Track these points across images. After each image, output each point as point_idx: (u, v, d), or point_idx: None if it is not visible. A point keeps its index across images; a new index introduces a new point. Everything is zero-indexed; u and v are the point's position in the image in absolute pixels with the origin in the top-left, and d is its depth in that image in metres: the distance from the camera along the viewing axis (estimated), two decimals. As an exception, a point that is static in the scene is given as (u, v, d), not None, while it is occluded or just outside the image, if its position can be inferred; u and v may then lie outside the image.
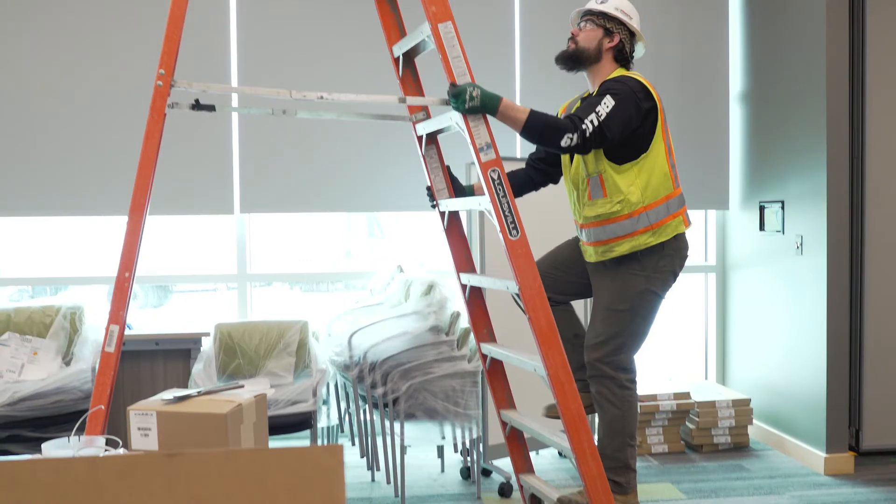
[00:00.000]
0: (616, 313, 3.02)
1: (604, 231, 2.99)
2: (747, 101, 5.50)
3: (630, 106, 2.86)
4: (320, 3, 5.16)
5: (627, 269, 3.00)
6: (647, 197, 2.93)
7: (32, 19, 5.03)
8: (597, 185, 2.97)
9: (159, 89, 2.69)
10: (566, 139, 2.77)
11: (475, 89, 2.70)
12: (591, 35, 3.07)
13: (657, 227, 2.95)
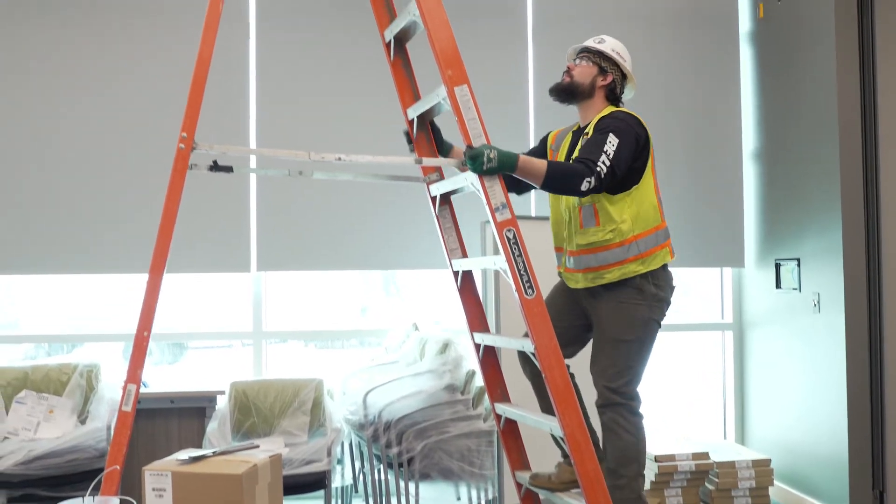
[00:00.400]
0: (625, 343, 3.06)
1: (595, 258, 3.06)
2: (761, 159, 5.53)
3: (631, 141, 3.00)
4: (337, 68, 5.27)
5: (630, 300, 3.05)
6: (637, 227, 3.03)
7: (54, 79, 5.16)
8: (590, 214, 3.05)
9: (181, 152, 2.75)
10: (585, 184, 2.86)
11: (492, 150, 2.76)
12: (586, 71, 3.19)
13: (646, 257, 3.04)
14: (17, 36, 5.16)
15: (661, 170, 5.48)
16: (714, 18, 5.63)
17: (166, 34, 5.22)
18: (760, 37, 5.54)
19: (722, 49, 5.62)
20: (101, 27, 5.21)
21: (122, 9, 5.23)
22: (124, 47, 5.21)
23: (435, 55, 2.74)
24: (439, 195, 3.23)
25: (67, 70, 5.18)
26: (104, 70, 5.19)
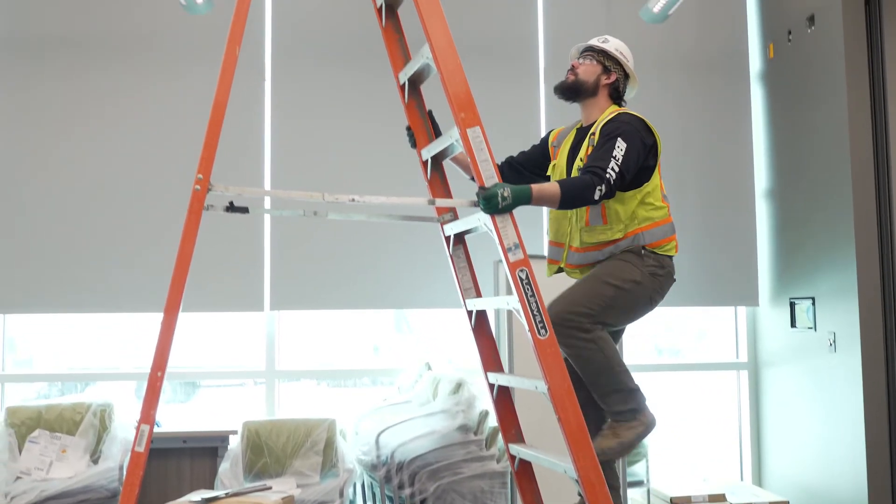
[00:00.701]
0: (602, 284, 3.00)
1: (601, 253, 3.08)
2: (773, 198, 5.53)
3: (638, 144, 3.01)
4: (351, 110, 5.34)
5: (625, 259, 3.04)
6: (643, 222, 3.07)
7: (71, 122, 5.25)
8: (597, 213, 3.07)
9: (197, 193, 2.77)
10: (597, 192, 2.88)
11: (505, 189, 2.76)
12: (590, 69, 3.21)
13: (651, 247, 3.07)
14: (30, 79, 5.26)
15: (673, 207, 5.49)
16: (724, 59, 5.68)
17: (182, 77, 5.30)
18: (771, 77, 5.57)
19: (733, 89, 5.66)
20: (116, 70, 5.30)
21: (138, 52, 5.32)
22: (139, 89, 5.30)
23: (448, 98, 2.77)
24: (453, 235, 3.24)
25: (85, 112, 5.27)
26: (121, 112, 5.27)
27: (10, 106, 5.25)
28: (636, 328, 4.82)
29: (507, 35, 5.51)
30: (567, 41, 5.48)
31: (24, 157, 5.22)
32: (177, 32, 5.34)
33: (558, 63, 5.50)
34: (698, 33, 5.67)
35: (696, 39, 5.67)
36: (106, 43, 5.32)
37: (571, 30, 5.54)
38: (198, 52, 5.31)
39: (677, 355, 6.12)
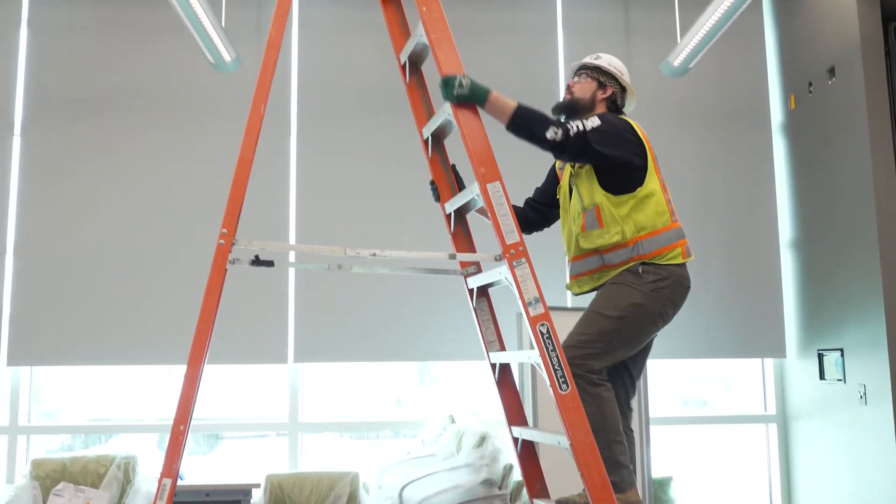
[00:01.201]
0: (603, 318, 2.94)
1: (600, 259, 3.02)
2: (798, 248, 5.49)
3: (617, 130, 2.95)
4: (376, 165, 5.42)
5: (625, 282, 2.96)
6: (641, 228, 2.98)
7: (99, 176, 5.36)
8: (593, 218, 3.02)
9: (221, 248, 2.81)
10: (552, 131, 2.80)
11: (465, 79, 2.74)
12: (585, 86, 3.20)
13: (652, 256, 2.96)
14: (62, 135, 5.40)
15: (699, 260, 5.47)
16: (746, 111, 5.70)
17: (209, 132, 5.42)
18: (793, 128, 5.58)
19: (755, 141, 5.68)
20: (145, 126, 5.43)
21: (167, 108, 5.45)
22: (167, 144, 5.42)
23: (468, 153, 2.80)
24: (476, 288, 3.25)
25: (113, 167, 5.39)
26: (148, 166, 5.39)
27: (41, 161, 5.39)
28: (661, 381, 4.77)
29: (528, 87, 5.56)
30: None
31: (51, 210, 5.33)
32: (206, 89, 5.47)
33: (580, 116, 5.55)
34: (719, 85, 5.71)
35: (716, 91, 5.71)
36: (136, 99, 5.46)
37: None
38: (226, 108, 5.43)
39: (704, 407, 6.04)
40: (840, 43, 5.04)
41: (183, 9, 4.46)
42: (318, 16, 5.64)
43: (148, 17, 5.53)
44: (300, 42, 5.61)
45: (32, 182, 5.37)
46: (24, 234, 5.32)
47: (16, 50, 5.52)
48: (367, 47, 5.50)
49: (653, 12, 5.70)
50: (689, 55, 5.02)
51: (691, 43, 4.91)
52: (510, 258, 2.77)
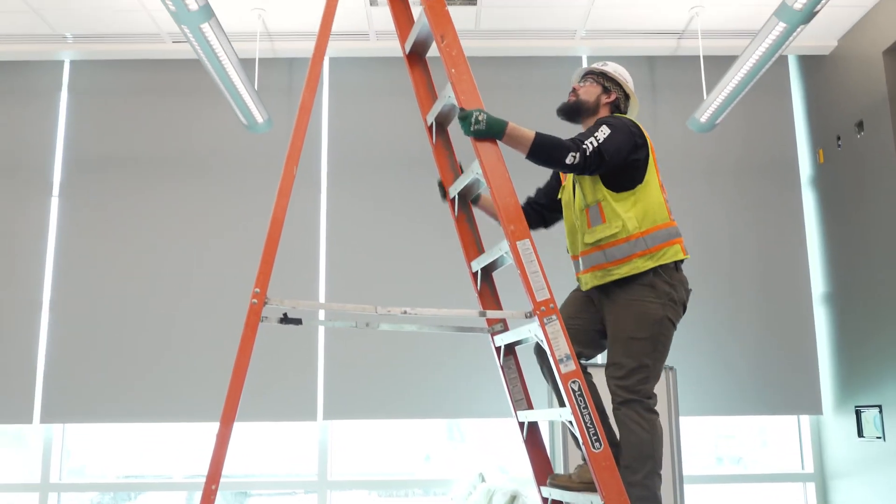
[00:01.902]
0: (638, 342, 2.97)
1: (603, 255, 3.03)
2: (831, 302, 5.43)
3: (625, 134, 2.98)
4: (403, 223, 5.48)
5: (642, 298, 2.98)
6: (644, 223, 3.01)
7: (132, 235, 5.46)
8: (596, 214, 3.06)
9: (253, 307, 2.84)
10: (570, 157, 2.87)
11: (481, 114, 2.82)
12: (590, 90, 3.24)
13: (654, 252, 2.99)
14: (96, 195, 5.53)
15: (730, 315, 5.42)
16: (774, 165, 5.70)
17: (241, 191, 5.52)
18: (822, 181, 5.56)
19: (784, 195, 5.66)
20: (178, 186, 5.55)
21: (201, 168, 5.57)
22: (200, 203, 5.52)
23: (497, 211, 2.83)
24: (504, 345, 3.24)
25: (146, 226, 5.49)
26: (181, 225, 5.49)
27: (78, 221, 5.51)
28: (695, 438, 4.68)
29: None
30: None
31: (86, 269, 5.43)
32: (238, 150, 5.59)
33: (607, 172, 5.58)
34: (746, 140, 5.72)
35: (744, 146, 5.72)
36: (171, 160, 5.59)
37: (619, 139, 5.64)
38: (258, 167, 5.54)
39: (739, 465, 5.91)
40: (867, 97, 5.04)
41: (217, 73, 4.59)
42: (347, 78, 5.77)
43: (183, 80, 5.70)
44: (330, 103, 5.73)
45: (69, 241, 5.49)
46: (59, 292, 5.42)
47: (56, 113, 5.70)
48: (395, 108, 5.60)
49: (678, 69, 5.76)
50: (716, 111, 5.05)
51: (718, 99, 4.95)
52: (541, 315, 2.77)
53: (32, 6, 5.06)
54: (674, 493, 4.51)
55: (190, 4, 3.98)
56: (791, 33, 4.27)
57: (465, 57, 2.97)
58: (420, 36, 3.27)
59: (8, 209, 5.54)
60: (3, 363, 5.32)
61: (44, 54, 5.64)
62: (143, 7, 5.08)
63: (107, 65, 5.75)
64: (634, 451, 2.94)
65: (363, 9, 5.18)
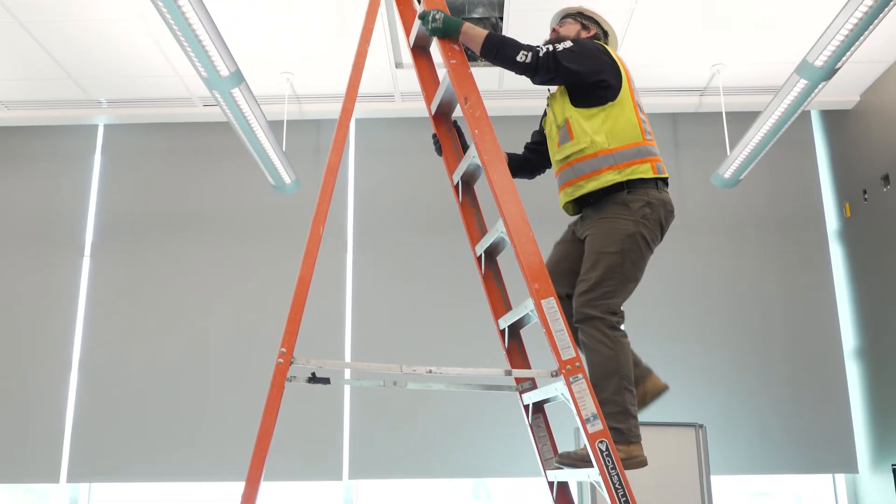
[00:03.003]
0: (607, 255, 2.96)
1: (572, 170, 3.04)
2: (864, 357, 5.34)
3: (588, 51, 2.99)
4: (429, 281, 5.50)
5: (614, 215, 2.97)
6: (612, 140, 2.99)
7: (160, 294, 5.53)
8: (565, 132, 3.07)
9: (280, 366, 2.85)
10: (521, 55, 2.90)
11: (438, 13, 2.96)
12: (570, 28, 3.28)
13: (623, 167, 2.96)
14: (126, 255, 5.62)
15: (760, 371, 5.35)
16: (800, 219, 5.68)
17: (268, 251, 5.58)
18: (849, 235, 5.53)
19: (811, 249, 5.62)
20: (206, 245, 5.63)
21: (229, 228, 5.66)
22: (227, 263, 5.59)
23: (522, 270, 2.83)
24: (532, 404, 3.22)
25: (174, 285, 5.56)
26: (207, 285, 5.55)
27: (108, 281, 5.60)
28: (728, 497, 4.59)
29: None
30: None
31: (115, 330, 5.49)
32: (266, 210, 5.68)
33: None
34: (771, 195, 5.72)
35: (769, 201, 5.71)
36: (200, 221, 5.69)
37: (643, 195, 5.66)
38: (285, 227, 5.61)
39: (774, 526, 5.77)
40: (892, 150, 5.03)
41: (247, 135, 4.69)
42: (373, 138, 5.87)
43: (213, 142, 5.82)
44: (356, 163, 5.81)
45: (99, 302, 5.56)
46: (88, 352, 5.48)
47: (90, 175, 5.84)
48: (421, 167, 5.68)
49: (701, 125, 5.80)
50: (740, 167, 5.06)
51: (741, 155, 4.96)
52: (567, 374, 2.76)
53: (70, 73, 5.23)
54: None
55: (221, 70, 4.10)
56: (813, 90, 4.30)
57: (489, 117, 3.02)
58: (445, 98, 3.33)
59: (40, 269, 5.64)
60: (32, 422, 5.36)
61: (79, 119, 5.80)
62: (175, 73, 5.23)
63: (139, 128, 5.90)
64: (599, 370, 2.92)
65: (389, 71, 5.29)
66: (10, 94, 5.49)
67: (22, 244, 5.70)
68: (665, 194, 3.07)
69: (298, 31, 4.82)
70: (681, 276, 5.55)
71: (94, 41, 4.85)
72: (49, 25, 4.69)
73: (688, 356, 5.41)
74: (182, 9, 3.61)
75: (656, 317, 5.47)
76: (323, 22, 4.73)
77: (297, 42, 4.93)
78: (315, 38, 4.90)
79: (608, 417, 2.85)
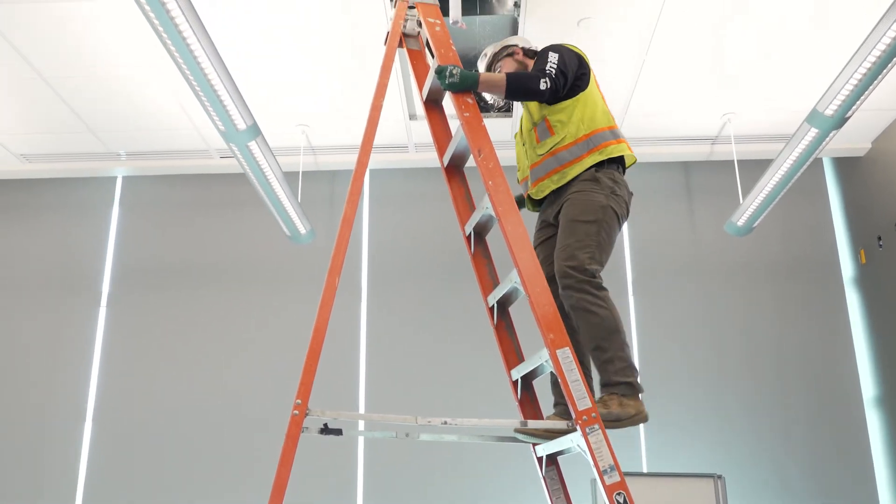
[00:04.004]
0: (583, 224, 3.06)
1: (556, 159, 3.15)
2: (885, 405, 5.27)
3: (568, 52, 3.19)
4: (442, 332, 5.51)
5: (586, 189, 3.09)
6: (587, 127, 3.14)
7: (175, 345, 5.54)
8: (544, 129, 3.20)
9: (295, 418, 2.85)
10: (542, 83, 3.04)
11: (455, 68, 3.04)
12: (508, 63, 3.45)
13: (602, 148, 3.12)
14: (143, 305, 5.65)
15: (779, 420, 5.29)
16: (815, 267, 5.66)
17: (284, 301, 5.60)
18: (865, 281, 5.50)
19: (827, 296, 5.59)
20: (221, 296, 5.67)
21: (241, 279, 5.69)
22: (242, 313, 5.61)
23: (536, 320, 2.83)
24: (546, 456, 3.19)
25: (190, 335, 5.58)
26: (223, 335, 5.57)
27: (124, 330, 5.63)
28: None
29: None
30: (654, 254, 5.62)
31: (131, 378, 5.51)
32: (281, 260, 5.72)
33: (646, 277, 5.59)
34: (785, 242, 5.71)
35: (784, 249, 5.70)
36: (216, 271, 5.73)
37: (657, 245, 5.68)
38: (300, 277, 5.64)
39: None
40: (906, 198, 5.03)
41: (262, 186, 4.75)
42: (387, 188, 5.92)
43: (229, 193, 5.89)
44: (370, 213, 5.86)
45: (115, 352, 5.59)
46: (103, 401, 5.49)
47: (108, 226, 5.91)
48: (434, 217, 5.71)
49: (713, 173, 5.82)
50: (753, 215, 5.07)
51: (754, 203, 4.97)
52: (583, 424, 2.74)
53: (90, 127, 5.33)
54: None
55: (238, 124, 4.17)
56: (824, 139, 4.32)
57: (502, 168, 3.06)
58: (458, 150, 3.37)
59: (57, 318, 5.69)
60: (46, 472, 5.35)
61: (98, 171, 5.90)
62: (192, 125, 5.32)
63: (157, 179, 5.98)
64: (601, 331, 2.97)
65: (403, 122, 5.36)
66: (31, 147, 5.60)
67: (40, 293, 5.75)
68: (627, 190, 3.23)
69: (314, 85, 4.91)
70: (696, 325, 5.52)
71: (114, 95, 4.95)
72: (71, 81, 4.80)
73: (704, 405, 5.36)
74: (201, 65, 3.69)
75: (672, 365, 5.43)
76: (338, 75, 4.82)
77: (312, 95, 5.02)
78: (330, 92, 4.99)
79: (617, 374, 2.94)
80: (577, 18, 4.32)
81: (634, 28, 4.42)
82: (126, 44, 4.44)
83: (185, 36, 3.49)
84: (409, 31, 3.52)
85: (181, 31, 3.46)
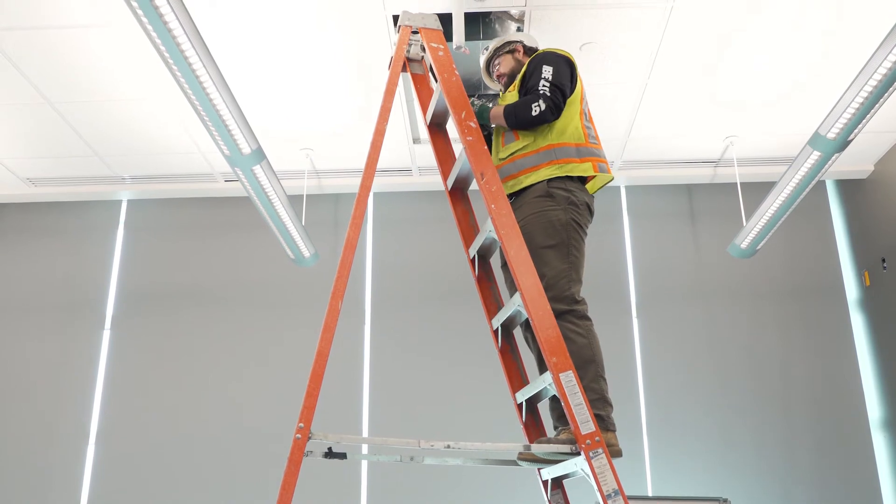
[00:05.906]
0: (550, 249, 3.04)
1: (514, 165, 3.15)
2: (891, 427, 5.23)
3: (564, 63, 3.17)
4: (446, 355, 5.50)
5: (544, 208, 3.07)
6: (554, 138, 3.12)
7: (180, 370, 5.54)
8: (510, 133, 3.20)
9: (297, 441, 2.84)
10: (535, 108, 3.05)
11: (476, 100, 3.23)
12: (506, 62, 3.47)
13: (562, 163, 3.09)
14: (147, 328, 5.65)
15: (784, 443, 5.26)
16: (819, 289, 5.65)
17: (286, 325, 5.60)
18: (870, 304, 5.48)
19: (832, 318, 5.58)
20: (225, 319, 5.67)
21: (245, 302, 5.69)
22: (246, 337, 5.61)
23: (539, 343, 2.83)
24: (551, 479, 3.18)
25: (194, 358, 5.57)
26: (226, 358, 5.56)
27: (128, 353, 5.62)
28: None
29: (599, 277, 5.66)
30: (657, 277, 5.62)
31: (134, 401, 5.50)
32: (285, 283, 5.72)
33: (650, 299, 5.58)
34: (789, 265, 5.70)
35: (787, 271, 5.69)
36: (219, 294, 5.74)
37: (661, 267, 5.67)
38: (304, 300, 5.64)
39: None
40: (909, 220, 5.03)
41: (267, 210, 4.77)
42: (390, 211, 5.94)
43: (233, 216, 5.92)
44: (374, 236, 5.88)
45: (118, 373, 5.58)
46: (106, 422, 5.48)
47: (112, 249, 5.93)
48: (438, 240, 5.72)
49: (716, 196, 5.83)
50: (757, 237, 5.07)
51: (757, 225, 4.98)
52: (586, 448, 2.73)
53: (96, 151, 5.37)
54: None
55: (244, 149, 4.20)
56: (826, 161, 4.33)
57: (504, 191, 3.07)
58: (461, 173, 3.39)
59: (61, 341, 5.69)
60: (49, 492, 5.33)
61: (103, 195, 5.93)
62: (197, 149, 5.35)
63: (162, 203, 6.01)
64: (576, 359, 2.95)
65: (406, 145, 5.39)
66: (37, 171, 5.63)
67: (45, 316, 5.76)
68: (586, 195, 3.19)
69: (318, 109, 4.94)
70: (700, 347, 5.51)
71: (120, 120, 4.99)
72: (77, 105, 4.84)
73: (708, 428, 5.33)
74: (206, 90, 3.72)
75: (676, 388, 5.41)
76: (342, 99, 4.85)
77: (316, 119, 5.05)
78: (334, 115, 5.02)
79: (592, 406, 2.92)
80: (580, 43, 4.35)
81: (637, 52, 4.45)
82: (132, 69, 4.48)
83: (190, 62, 3.52)
84: (413, 55, 3.54)
85: (187, 57, 3.49)
